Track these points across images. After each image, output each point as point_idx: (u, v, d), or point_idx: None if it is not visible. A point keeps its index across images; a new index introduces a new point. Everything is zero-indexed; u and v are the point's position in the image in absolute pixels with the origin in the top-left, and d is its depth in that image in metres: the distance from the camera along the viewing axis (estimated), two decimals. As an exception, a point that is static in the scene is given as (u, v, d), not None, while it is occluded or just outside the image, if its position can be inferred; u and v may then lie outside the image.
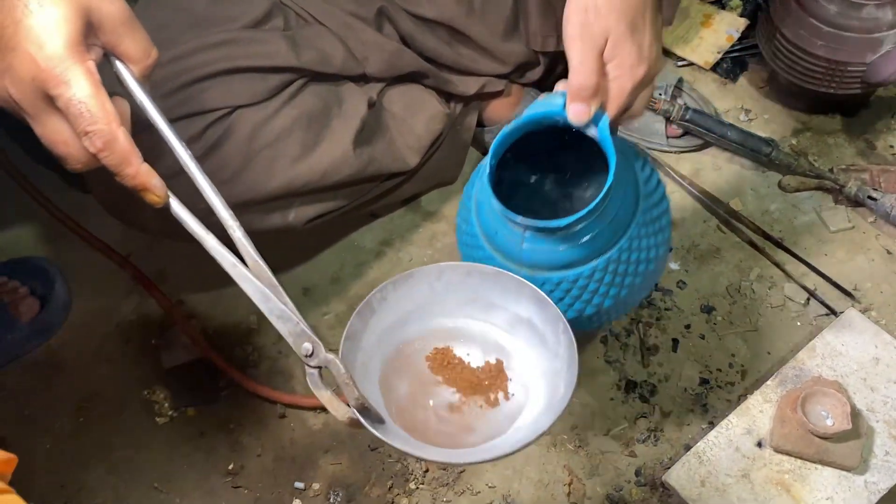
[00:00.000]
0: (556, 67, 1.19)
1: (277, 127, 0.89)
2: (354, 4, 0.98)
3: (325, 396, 0.59)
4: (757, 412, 0.90)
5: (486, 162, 0.69)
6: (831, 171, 1.14)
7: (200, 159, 0.84)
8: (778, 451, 0.87)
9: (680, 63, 1.27)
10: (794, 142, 1.20)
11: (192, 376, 1.04)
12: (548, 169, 0.84)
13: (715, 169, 1.18)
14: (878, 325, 1.02)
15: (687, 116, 1.12)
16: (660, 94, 1.15)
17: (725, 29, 1.27)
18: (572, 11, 0.68)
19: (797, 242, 1.11)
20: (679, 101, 1.15)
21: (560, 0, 1.07)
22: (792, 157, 1.13)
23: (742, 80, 1.26)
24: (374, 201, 1.09)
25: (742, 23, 1.27)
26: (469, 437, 0.62)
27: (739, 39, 1.26)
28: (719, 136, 1.13)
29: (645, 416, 0.99)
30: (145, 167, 0.57)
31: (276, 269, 1.20)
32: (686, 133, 1.17)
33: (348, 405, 0.59)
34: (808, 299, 1.06)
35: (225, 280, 0.61)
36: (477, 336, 0.66)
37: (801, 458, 0.86)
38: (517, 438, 0.59)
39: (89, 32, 0.55)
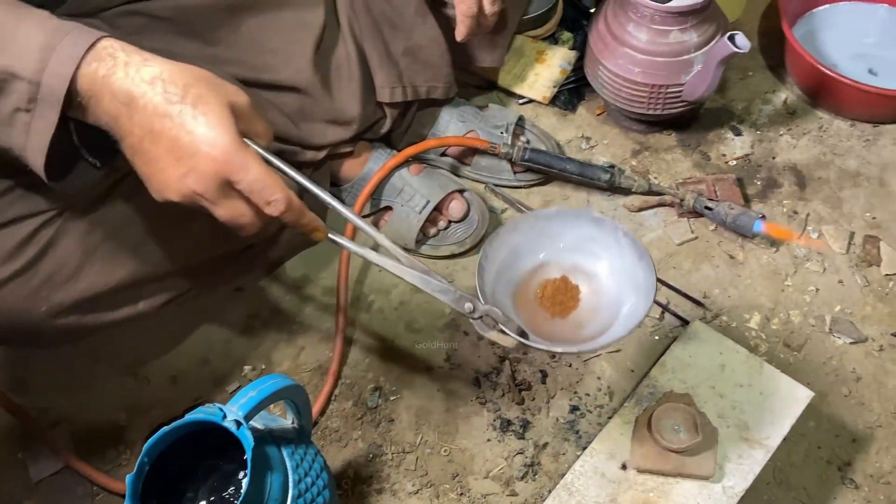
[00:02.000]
0: (406, 116, 1.21)
1: (116, 217, 0.87)
2: None
3: (493, 335, 0.76)
4: (618, 435, 0.93)
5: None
6: (671, 186, 1.20)
7: (33, 261, 0.82)
8: (640, 471, 0.90)
9: (520, 101, 1.31)
10: (634, 162, 1.25)
11: (63, 486, 1.01)
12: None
13: (563, 198, 1.22)
14: (729, 328, 1.08)
15: (525, 157, 1.16)
16: (501, 134, 1.18)
17: (559, 63, 1.32)
18: None
19: (647, 260, 1.16)
20: (521, 140, 1.18)
21: (399, 51, 1.11)
22: (632, 179, 1.18)
23: (581, 109, 1.31)
24: (233, 278, 1.08)
25: (573, 55, 1.32)
26: (582, 332, 0.82)
27: (573, 71, 1.31)
28: (559, 170, 1.17)
29: (521, 453, 1.01)
30: (312, 214, 0.71)
31: (141, 359, 1.16)
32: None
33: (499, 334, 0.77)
34: (663, 313, 1.11)
35: (89, 380, 0.61)
36: (554, 259, 0.85)
37: (661, 474, 0.89)
38: (626, 324, 0.78)
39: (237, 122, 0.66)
